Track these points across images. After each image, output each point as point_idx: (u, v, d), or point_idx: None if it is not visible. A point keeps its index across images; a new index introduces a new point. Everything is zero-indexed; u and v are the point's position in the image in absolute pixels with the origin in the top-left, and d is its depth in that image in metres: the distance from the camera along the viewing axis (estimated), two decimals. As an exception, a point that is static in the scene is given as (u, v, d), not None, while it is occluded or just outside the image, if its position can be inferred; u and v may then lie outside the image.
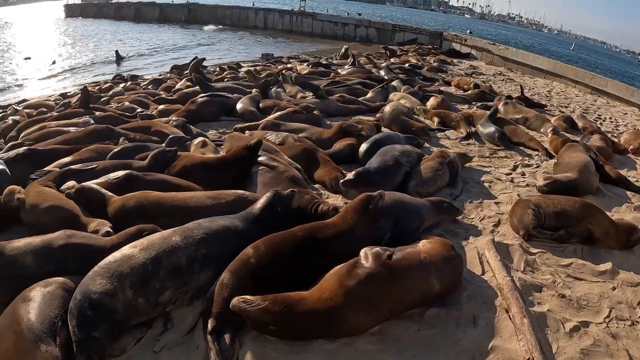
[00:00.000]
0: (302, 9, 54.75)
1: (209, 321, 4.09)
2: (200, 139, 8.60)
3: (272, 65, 22.68)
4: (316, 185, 7.35)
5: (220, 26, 54.50)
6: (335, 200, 6.79)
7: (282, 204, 5.27)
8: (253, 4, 63.71)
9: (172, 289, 4.29)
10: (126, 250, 4.35)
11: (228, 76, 17.78)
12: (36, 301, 4.07)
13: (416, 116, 12.21)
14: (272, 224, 4.98)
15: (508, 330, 4.44)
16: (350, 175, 6.80)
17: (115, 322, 4.02)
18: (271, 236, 4.64)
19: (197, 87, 13.76)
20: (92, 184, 6.09)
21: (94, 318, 3.91)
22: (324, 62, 23.14)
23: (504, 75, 24.76)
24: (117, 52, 33.81)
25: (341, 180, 6.78)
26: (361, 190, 5.89)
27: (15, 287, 4.38)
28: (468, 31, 56.08)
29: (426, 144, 9.86)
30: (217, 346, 3.93)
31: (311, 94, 13.61)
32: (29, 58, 35.01)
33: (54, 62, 33.43)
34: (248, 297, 3.87)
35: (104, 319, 3.95)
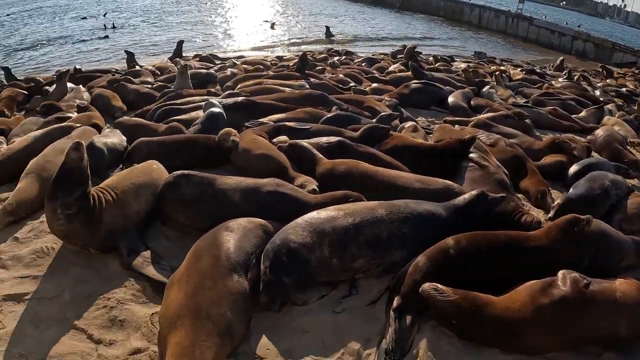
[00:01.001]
0: (519, 11, 52.23)
1: (395, 299, 4.09)
2: (411, 123, 8.64)
3: (485, 65, 22.05)
4: (519, 195, 7.00)
5: (434, 17, 53.71)
6: (536, 214, 6.41)
7: (490, 204, 5.14)
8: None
9: (366, 258, 4.35)
10: (331, 211, 4.48)
11: (441, 67, 17.57)
12: (237, 234, 4.33)
13: (628, 147, 11.18)
14: (474, 221, 4.88)
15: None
16: (551, 213, 6.34)
17: (306, 274, 4.18)
18: (474, 233, 4.52)
19: (410, 73, 13.73)
20: (305, 142, 6.33)
21: (288, 264, 4.09)
22: (538, 70, 22.05)
23: None
24: (327, 28, 34.35)
25: (548, 216, 6.40)
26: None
27: (217, 218, 4.72)
28: None
29: (636, 180, 8.98)
30: (397, 324, 3.92)
31: (523, 100, 12.99)
32: (269, 21, 37.21)
33: (272, 26, 35.37)
34: (440, 285, 3.83)
35: (297, 268, 4.12)
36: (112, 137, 7.20)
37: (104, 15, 36.05)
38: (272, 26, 36.85)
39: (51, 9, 37.98)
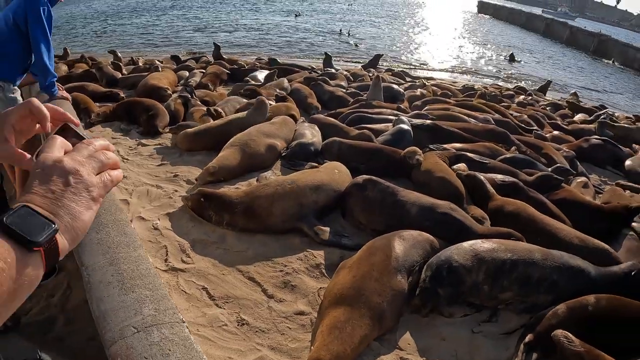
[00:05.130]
0: None
1: (528, 335, 4.43)
2: (583, 179, 8.72)
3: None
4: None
5: (628, 69, 46.84)
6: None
7: None
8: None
9: (513, 292, 4.77)
10: (494, 243, 4.96)
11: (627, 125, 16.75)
12: (408, 242, 4.97)
13: None
14: (623, 290, 4.85)
15: None
16: None
17: (458, 291, 4.70)
18: (617, 298, 4.61)
19: (592, 127, 13.48)
20: (481, 175, 6.87)
21: (446, 279, 4.63)
22: None
23: None
24: (548, 81, 30.84)
25: None
26: None
27: (392, 224, 5.52)
28: None
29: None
30: (524, 357, 4.29)
31: None
32: (513, 57, 37.62)
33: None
34: (571, 335, 4.10)
35: (453, 284, 4.65)
36: (317, 136, 8.31)
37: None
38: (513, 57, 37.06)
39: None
